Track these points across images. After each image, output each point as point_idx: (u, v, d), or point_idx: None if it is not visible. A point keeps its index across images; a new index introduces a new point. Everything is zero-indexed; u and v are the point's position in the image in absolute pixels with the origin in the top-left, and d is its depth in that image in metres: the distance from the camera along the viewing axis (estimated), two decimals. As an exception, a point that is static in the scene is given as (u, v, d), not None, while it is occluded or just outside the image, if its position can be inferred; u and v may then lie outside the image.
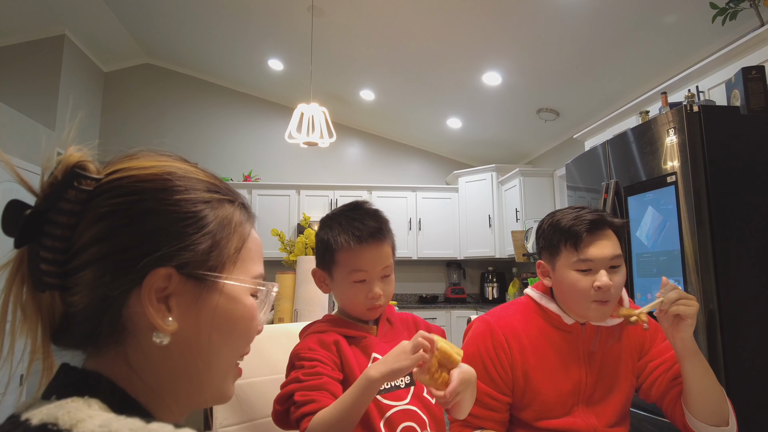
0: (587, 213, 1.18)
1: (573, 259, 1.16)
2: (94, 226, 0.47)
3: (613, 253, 1.15)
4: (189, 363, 0.51)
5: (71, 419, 0.39)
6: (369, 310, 1.11)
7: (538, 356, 1.20)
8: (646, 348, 1.26)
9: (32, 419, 0.40)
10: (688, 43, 3.16)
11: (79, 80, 5.33)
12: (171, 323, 0.49)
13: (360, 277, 1.08)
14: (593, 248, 1.15)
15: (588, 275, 1.15)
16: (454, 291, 5.73)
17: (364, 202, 1.16)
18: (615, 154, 2.47)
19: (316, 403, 0.94)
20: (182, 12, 4.66)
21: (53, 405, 0.41)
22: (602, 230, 1.16)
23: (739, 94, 2.20)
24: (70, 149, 0.49)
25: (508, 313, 1.27)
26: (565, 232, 1.17)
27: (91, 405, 0.43)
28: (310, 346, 1.05)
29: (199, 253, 0.51)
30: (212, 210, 0.53)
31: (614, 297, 1.16)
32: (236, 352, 0.56)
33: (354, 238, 1.07)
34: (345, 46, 4.55)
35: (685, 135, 2.02)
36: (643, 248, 2.23)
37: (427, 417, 1.07)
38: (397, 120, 5.88)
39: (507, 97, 4.61)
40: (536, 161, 5.76)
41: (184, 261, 0.50)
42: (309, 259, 1.98)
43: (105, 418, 0.39)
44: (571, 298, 1.18)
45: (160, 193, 0.50)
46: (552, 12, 3.29)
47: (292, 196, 5.66)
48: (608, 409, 1.19)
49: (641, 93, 3.58)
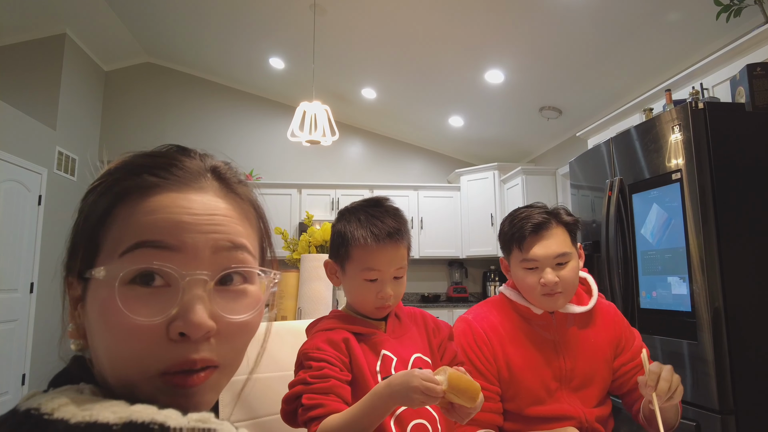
0: (536, 213, 1.26)
1: (520, 258, 1.25)
2: None
3: (558, 252, 1.22)
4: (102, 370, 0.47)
5: (53, 404, 0.39)
6: (377, 309, 1.10)
7: (516, 347, 1.26)
8: (621, 346, 1.32)
9: (21, 407, 0.40)
10: (692, 40, 3.15)
11: (80, 79, 5.32)
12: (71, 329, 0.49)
13: (373, 276, 1.07)
14: (536, 248, 1.22)
15: (535, 272, 1.23)
16: (456, 290, 5.73)
17: (386, 199, 1.15)
18: (619, 152, 2.46)
19: (324, 408, 0.93)
20: (183, 11, 4.66)
21: (48, 393, 0.42)
22: (546, 230, 1.23)
23: (744, 91, 2.19)
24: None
25: (485, 310, 1.33)
26: (514, 233, 1.26)
27: (83, 391, 0.42)
28: (318, 346, 1.03)
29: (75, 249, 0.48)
30: (86, 199, 0.50)
31: (566, 289, 1.22)
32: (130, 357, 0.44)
33: (372, 236, 1.05)
34: (346, 45, 4.54)
35: (690, 132, 2.01)
36: (648, 246, 2.22)
37: (436, 413, 1.07)
38: (398, 118, 5.87)
39: (509, 95, 4.60)
40: (539, 159, 5.75)
41: (73, 263, 0.48)
42: (313, 257, 1.98)
43: (87, 403, 0.39)
44: (525, 293, 1.27)
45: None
46: (555, 9, 3.28)
47: (293, 195, 5.65)
48: (591, 393, 1.25)
49: (644, 90, 3.57)
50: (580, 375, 1.26)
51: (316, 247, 2.21)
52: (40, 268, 4.53)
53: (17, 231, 4.24)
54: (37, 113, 4.66)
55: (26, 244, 4.37)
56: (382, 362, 1.07)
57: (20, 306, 4.29)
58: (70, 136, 5.06)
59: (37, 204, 4.52)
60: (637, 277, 2.29)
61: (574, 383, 1.25)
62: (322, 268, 1.97)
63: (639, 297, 2.28)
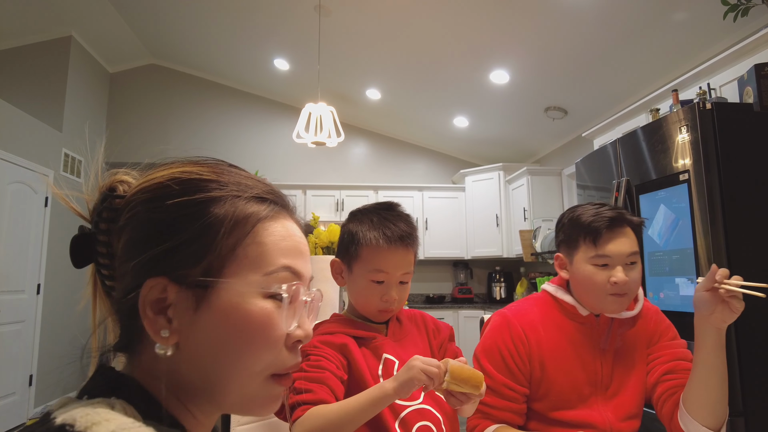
0: (607, 210, 1.21)
1: (591, 254, 1.19)
2: (118, 242, 0.51)
3: (631, 250, 1.18)
4: (200, 372, 0.49)
5: (87, 422, 0.40)
6: (380, 312, 1.10)
7: (554, 347, 1.22)
8: (654, 340, 1.27)
9: (57, 418, 0.41)
10: (699, 39, 3.13)
11: (85, 81, 5.35)
12: (167, 336, 0.47)
13: (380, 277, 1.08)
14: (611, 245, 1.18)
15: (605, 270, 1.18)
16: (461, 291, 5.72)
17: (397, 204, 1.16)
18: (625, 153, 2.45)
19: (313, 394, 0.94)
20: (187, 12, 4.67)
21: (79, 405, 0.42)
22: (621, 227, 1.19)
23: (751, 91, 2.18)
24: (109, 172, 0.54)
25: (525, 307, 1.29)
26: (585, 227, 1.20)
27: (114, 406, 0.43)
28: (314, 344, 1.05)
29: (189, 256, 0.48)
30: (215, 209, 0.50)
31: (631, 291, 1.18)
32: (256, 361, 0.49)
33: (384, 238, 1.07)
34: (351, 46, 4.55)
35: (697, 132, 2.00)
36: (656, 247, 2.21)
37: (440, 415, 1.07)
38: (403, 119, 5.87)
39: (514, 95, 4.59)
40: (544, 160, 5.74)
41: (181, 267, 0.48)
42: (319, 259, 1.98)
43: (121, 422, 0.40)
44: (588, 291, 1.21)
45: (156, 201, 0.50)
46: (560, 8, 3.27)
47: (298, 196, 5.66)
48: (625, 400, 1.21)
49: (651, 91, 3.56)
50: (616, 381, 1.21)
51: (323, 248, 2.21)
52: (46, 270, 4.55)
53: (24, 232, 4.26)
54: (43, 115, 4.68)
55: (33, 245, 4.39)
56: (384, 366, 1.08)
57: (27, 307, 4.31)
58: (76, 138, 5.08)
59: (43, 206, 4.55)
60: (644, 278, 2.28)
61: (610, 390, 1.21)
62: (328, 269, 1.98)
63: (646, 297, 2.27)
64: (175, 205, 0.49)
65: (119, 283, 0.51)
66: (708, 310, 1.01)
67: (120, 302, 0.50)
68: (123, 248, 0.50)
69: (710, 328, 1.03)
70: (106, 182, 0.54)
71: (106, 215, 0.52)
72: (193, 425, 0.50)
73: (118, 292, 0.51)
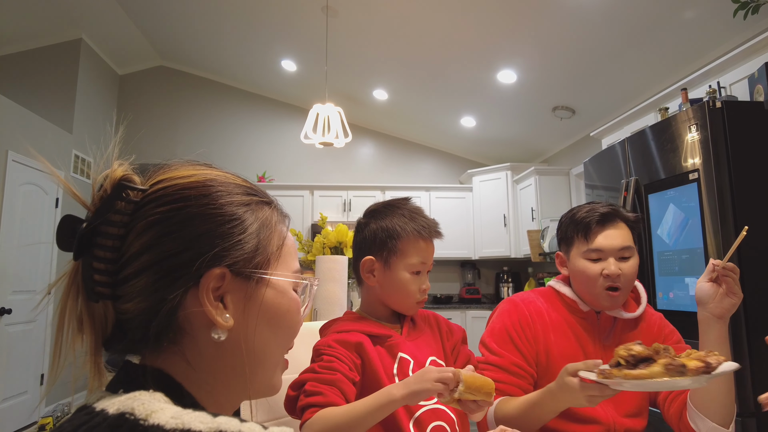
0: (601, 206, 1.27)
1: (584, 248, 1.24)
2: (144, 235, 0.50)
3: (622, 245, 1.22)
4: (241, 357, 0.53)
5: (146, 410, 0.42)
6: (418, 303, 1.14)
7: (558, 335, 1.25)
8: (659, 341, 1.27)
9: (108, 409, 0.43)
10: (708, 38, 3.11)
11: (95, 83, 5.39)
12: (228, 320, 0.51)
13: (419, 268, 1.13)
14: (602, 238, 1.22)
15: (598, 264, 1.22)
16: (468, 291, 5.71)
17: (409, 199, 1.21)
18: (634, 152, 2.43)
19: (323, 396, 0.94)
20: (196, 14, 4.70)
21: (124, 397, 0.44)
22: (613, 222, 1.24)
23: (762, 89, 2.16)
24: (114, 164, 0.52)
25: (532, 296, 1.34)
26: (578, 222, 1.26)
27: (156, 398, 0.45)
28: (329, 343, 1.05)
29: (247, 251, 0.54)
30: (252, 212, 0.56)
31: (625, 285, 1.21)
32: (284, 346, 0.58)
33: (423, 230, 1.12)
34: (358, 47, 4.55)
35: (707, 131, 1.99)
36: (665, 246, 2.20)
37: (454, 414, 1.07)
38: (410, 119, 5.87)
39: (522, 95, 4.58)
40: (552, 160, 5.72)
41: (234, 260, 0.53)
42: (327, 259, 1.99)
43: (175, 411, 0.42)
44: (584, 286, 1.25)
45: (203, 199, 0.53)
46: (568, 7, 3.26)
47: (305, 196, 5.67)
48: (626, 398, 1.21)
49: (659, 90, 3.53)
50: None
51: (330, 248, 2.22)
52: (57, 270, 4.59)
53: (35, 233, 4.30)
54: (53, 117, 4.73)
55: (43, 246, 4.43)
56: (399, 365, 1.08)
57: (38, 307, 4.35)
58: (85, 140, 5.13)
59: (54, 207, 4.59)
60: (654, 278, 2.27)
61: None
62: (336, 270, 1.98)
63: (656, 298, 2.26)
64: (228, 205, 0.54)
65: (138, 278, 0.49)
66: (709, 298, 1.07)
67: (152, 297, 0.49)
68: (154, 242, 0.49)
69: (713, 319, 1.08)
70: (116, 173, 0.50)
71: (123, 207, 0.50)
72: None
73: (138, 287, 0.49)
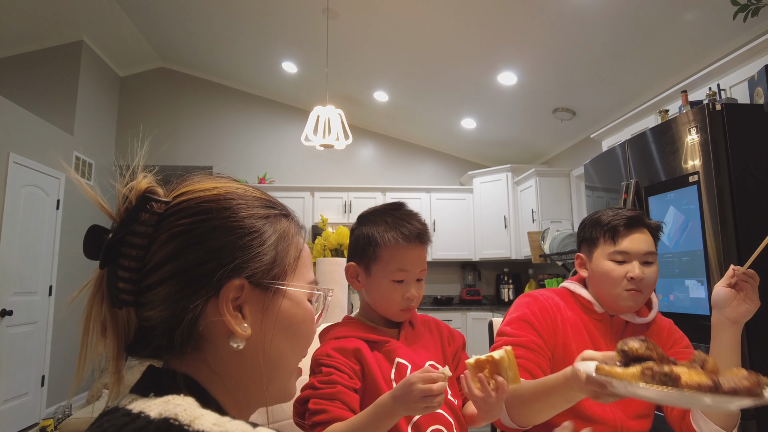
0: (627, 211, 1.29)
1: (610, 249, 1.26)
2: (167, 245, 0.52)
3: (647, 249, 1.24)
4: (258, 365, 0.55)
5: (189, 416, 0.43)
6: (402, 311, 1.11)
7: (574, 332, 1.27)
8: (667, 347, 1.30)
9: (149, 412, 0.43)
10: (709, 40, 3.11)
11: (96, 85, 5.41)
12: (246, 329, 0.53)
13: (401, 276, 1.09)
14: (628, 241, 1.24)
15: (622, 266, 1.24)
16: (469, 293, 5.71)
17: (404, 204, 1.19)
18: (634, 154, 2.44)
19: (327, 414, 0.95)
20: (197, 16, 4.71)
21: (160, 401, 0.45)
22: (638, 227, 1.26)
23: (762, 91, 2.16)
24: (139, 176, 0.54)
25: (549, 293, 1.36)
26: (605, 225, 1.28)
27: (190, 403, 0.46)
28: (328, 353, 1.05)
29: (265, 263, 0.56)
30: (271, 224, 0.58)
31: (646, 289, 1.22)
32: (299, 354, 0.60)
33: (402, 237, 1.09)
34: (358, 48, 4.56)
35: (707, 134, 1.99)
36: (665, 248, 2.20)
37: (452, 419, 1.07)
38: (411, 121, 5.87)
39: (522, 96, 4.58)
40: (552, 161, 5.72)
41: (253, 271, 0.54)
42: (328, 261, 1.99)
43: (216, 418, 0.43)
44: (605, 287, 1.26)
45: (224, 212, 0.55)
46: (568, 9, 3.26)
47: (306, 198, 5.68)
48: (634, 399, 1.19)
49: (659, 92, 3.54)
50: None
51: (331, 250, 2.22)
52: (58, 272, 4.60)
53: (36, 235, 4.31)
54: (55, 119, 4.74)
55: (45, 247, 4.44)
56: (397, 370, 1.08)
57: (39, 309, 4.36)
58: (86, 141, 5.14)
59: (55, 208, 4.60)
60: (654, 280, 2.27)
61: None
62: (337, 272, 1.99)
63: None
64: (247, 218, 0.56)
65: (161, 287, 0.51)
66: (726, 303, 1.07)
67: (174, 306, 0.51)
68: (177, 252, 0.52)
69: (727, 324, 1.08)
70: (140, 185, 0.53)
71: (147, 218, 0.52)
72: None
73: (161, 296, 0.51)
